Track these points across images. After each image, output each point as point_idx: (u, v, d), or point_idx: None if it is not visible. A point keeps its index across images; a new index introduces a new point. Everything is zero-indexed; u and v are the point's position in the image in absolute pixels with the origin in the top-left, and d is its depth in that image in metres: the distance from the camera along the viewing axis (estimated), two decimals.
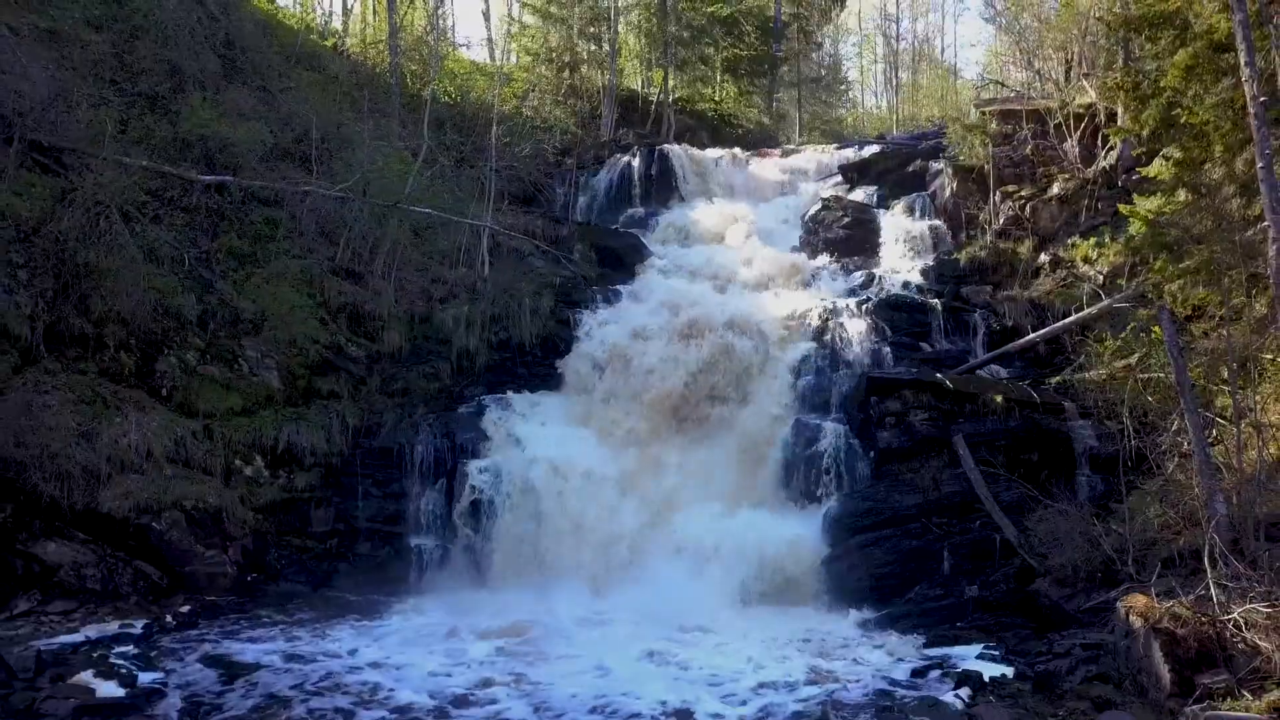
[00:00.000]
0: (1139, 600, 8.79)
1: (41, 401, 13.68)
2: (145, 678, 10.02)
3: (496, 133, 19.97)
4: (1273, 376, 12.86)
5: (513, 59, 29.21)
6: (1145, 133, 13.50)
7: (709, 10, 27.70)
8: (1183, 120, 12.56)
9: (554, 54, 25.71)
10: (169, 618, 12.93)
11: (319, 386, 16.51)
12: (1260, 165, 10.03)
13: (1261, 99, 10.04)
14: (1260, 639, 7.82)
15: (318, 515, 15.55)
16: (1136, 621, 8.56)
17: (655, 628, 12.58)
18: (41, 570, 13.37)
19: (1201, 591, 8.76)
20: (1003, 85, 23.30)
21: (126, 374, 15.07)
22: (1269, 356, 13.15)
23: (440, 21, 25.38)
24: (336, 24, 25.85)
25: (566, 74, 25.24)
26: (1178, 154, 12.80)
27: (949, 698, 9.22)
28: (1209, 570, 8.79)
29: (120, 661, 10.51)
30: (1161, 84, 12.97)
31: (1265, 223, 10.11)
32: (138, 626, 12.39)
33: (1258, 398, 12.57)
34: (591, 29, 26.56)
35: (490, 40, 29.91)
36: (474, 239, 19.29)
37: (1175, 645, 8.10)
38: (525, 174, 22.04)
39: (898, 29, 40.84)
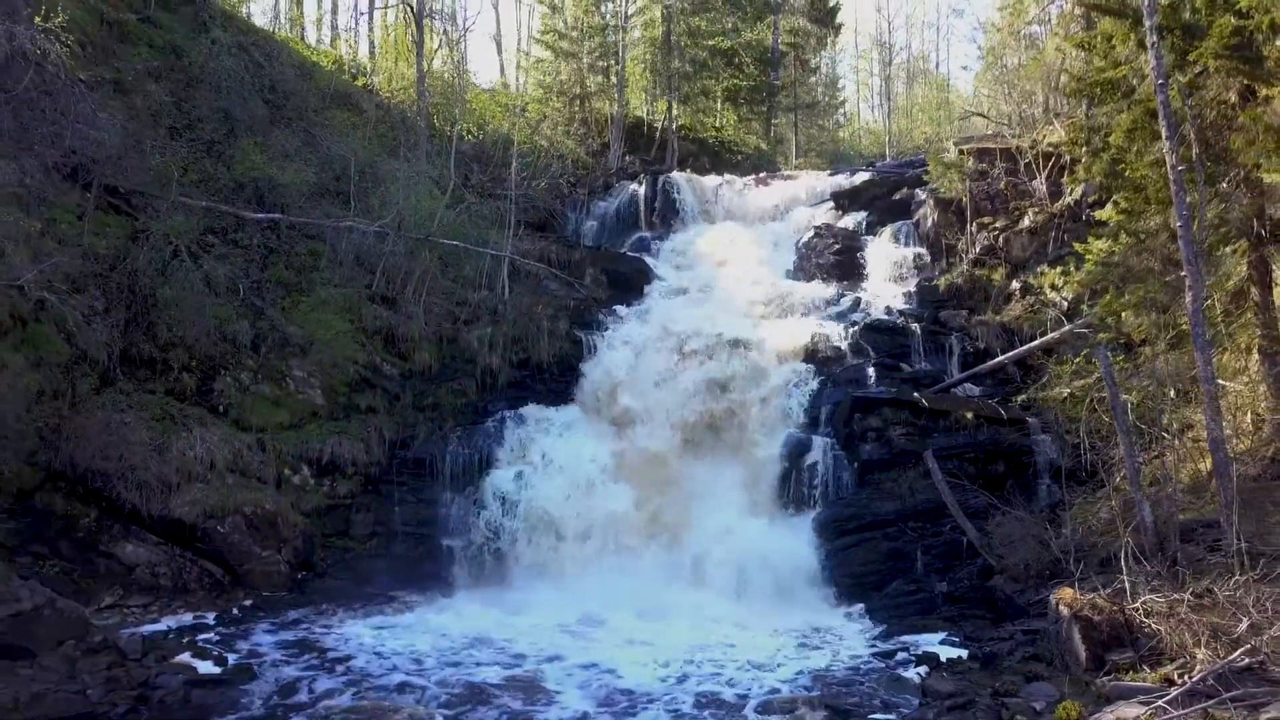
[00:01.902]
0: (1066, 593, 10.55)
1: (119, 419, 15.48)
2: (232, 658, 11.80)
3: (515, 168, 21.74)
4: (1196, 404, 14.61)
5: (524, 86, 31.03)
6: (1096, 181, 15.25)
7: (710, 43, 29.47)
8: (1125, 173, 14.31)
9: (565, 86, 27.48)
10: (234, 610, 14.67)
11: (358, 402, 18.29)
12: (1179, 224, 11.78)
13: (1180, 167, 11.79)
14: (1158, 624, 9.57)
15: (359, 519, 17.31)
16: (1064, 610, 10.31)
17: (654, 621, 14.24)
18: (121, 568, 15.15)
19: (1119, 585, 10.53)
20: (986, 118, 25.00)
21: (189, 393, 16.89)
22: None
23: (460, 61, 27.06)
24: (363, 54, 27.63)
25: (577, 106, 26.98)
26: (1122, 203, 14.55)
27: (909, 674, 11.03)
28: (1124, 568, 10.56)
29: (207, 646, 12.29)
30: (1109, 140, 14.75)
31: (1184, 272, 11.85)
32: (209, 617, 14.15)
33: (1196, 417, 14.33)
34: (600, 63, 28.33)
35: (502, 67, 31.80)
36: (495, 265, 21.05)
37: (1092, 629, 9.85)
38: (540, 202, 23.81)
39: (890, 55, 42.58)
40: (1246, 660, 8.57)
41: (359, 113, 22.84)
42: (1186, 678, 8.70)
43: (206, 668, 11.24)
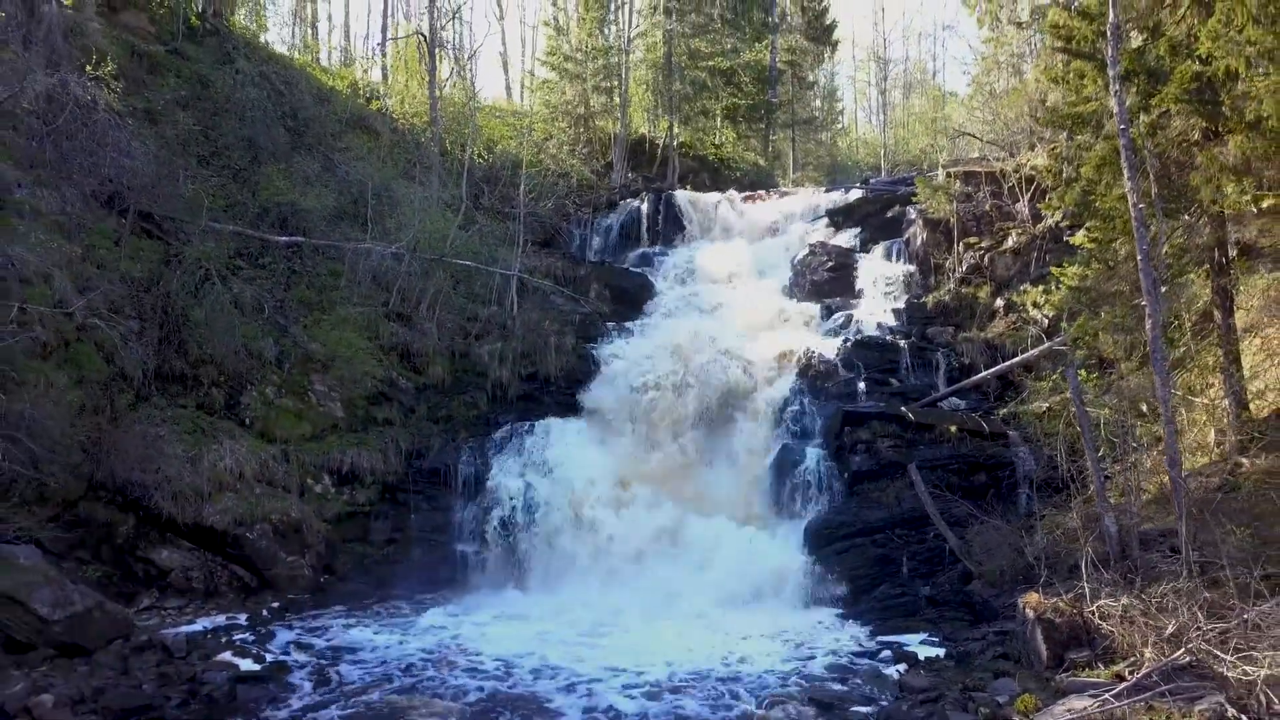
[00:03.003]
0: (1032, 597, 11.57)
1: (155, 433, 16.50)
2: (269, 656, 12.83)
3: (524, 190, 22.79)
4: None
5: (530, 104, 32.04)
6: (1069, 209, 16.27)
7: (710, 64, 30.51)
8: (1095, 204, 15.32)
9: (570, 106, 28.53)
10: (264, 611, 15.69)
11: (376, 415, 19.33)
12: (1140, 257, 12.78)
13: (1140, 205, 12.80)
14: (1113, 626, 10.59)
15: (377, 526, 18.36)
16: (1029, 613, 11.33)
17: (656, 622, 15.25)
18: (157, 572, 16.16)
19: (1079, 590, 11.55)
20: (975, 138, 25.97)
21: (217, 407, 17.93)
22: (1178, 391, 15.97)
23: (470, 87, 28.09)
24: (376, 75, 28.67)
25: (582, 126, 28.03)
26: (1093, 231, 15.57)
27: (889, 670, 12.06)
28: (1085, 574, 11.57)
29: (244, 644, 13.32)
30: (1080, 171, 15.78)
31: (1143, 301, 12.87)
32: (241, 619, 15.18)
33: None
34: (604, 84, 29.38)
35: (508, 88, 32.84)
36: (504, 282, 22.09)
37: (1053, 630, 10.88)
38: (547, 220, 24.85)
39: (886, 71, 43.60)
40: (1187, 659, 9.57)
41: (374, 136, 23.89)
42: (1134, 674, 9.71)
43: (247, 665, 12.26)
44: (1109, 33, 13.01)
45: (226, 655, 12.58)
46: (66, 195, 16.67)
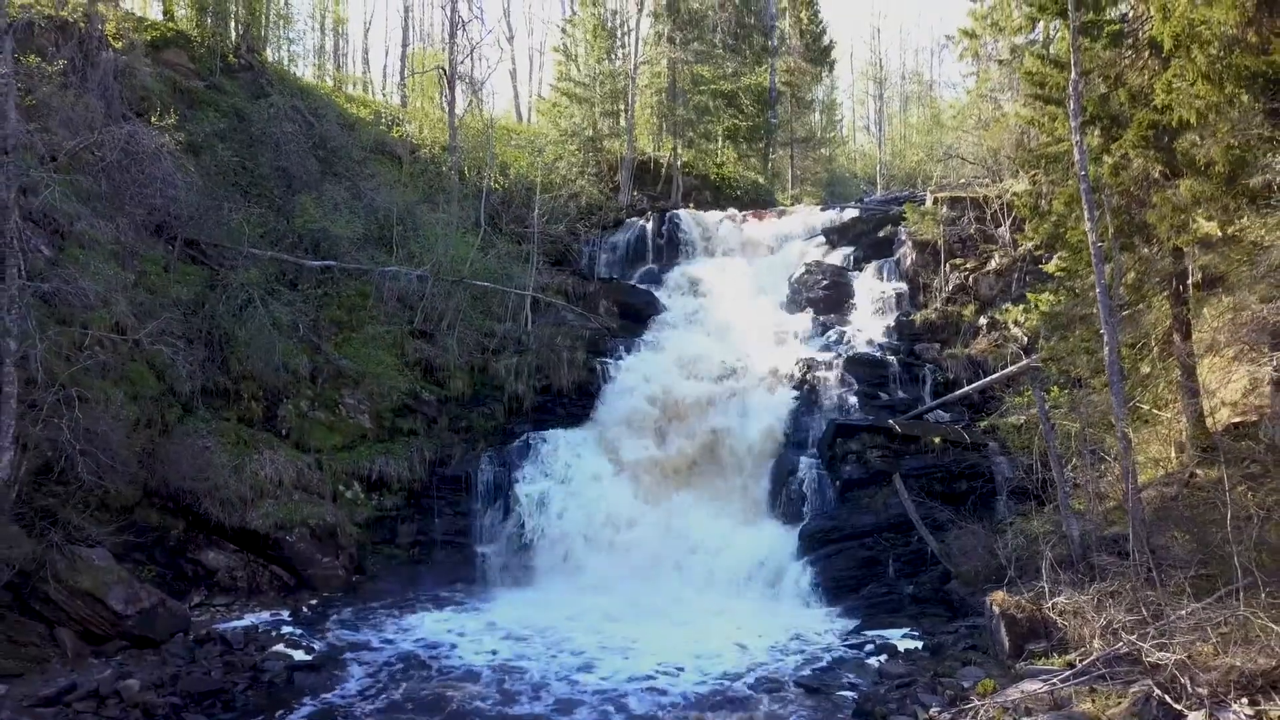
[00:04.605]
0: (998, 595, 13.02)
1: (202, 444, 17.98)
2: (318, 647, 14.30)
3: (538, 214, 24.27)
4: (1134, 428, 17.05)
5: (537, 120, 33.49)
6: (1043, 239, 17.72)
7: (712, 88, 31.96)
8: (1065, 236, 16.77)
9: (579, 129, 29.99)
10: (304, 609, 17.16)
11: (401, 426, 20.80)
12: (1098, 291, 14.22)
13: (1099, 244, 14.24)
14: (1066, 620, 12.04)
15: (403, 529, 19.84)
16: (995, 609, 12.78)
17: (662, 617, 16.67)
18: (205, 572, 17.66)
19: (1040, 588, 13.00)
20: (964, 159, 27.40)
21: (256, 420, 19.41)
22: (1145, 406, 17.46)
23: (487, 111, 29.60)
24: (395, 99, 30.13)
25: (590, 149, 29.49)
26: (1062, 262, 17.01)
27: (872, 660, 13.54)
28: (1044, 574, 13.02)
29: (293, 637, 14.79)
30: (1052, 206, 17.22)
31: (1102, 330, 14.30)
32: (284, 614, 16.66)
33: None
34: (611, 108, 30.81)
35: (518, 110, 34.22)
36: (519, 299, 23.53)
37: (1015, 625, 12.33)
38: (559, 241, 26.32)
39: (882, 89, 45.05)
40: (1125, 649, 11.02)
41: (395, 161, 25.37)
42: (1082, 662, 11.16)
43: (299, 655, 13.74)
44: (1071, 89, 14.44)
45: (280, 647, 14.06)
46: (120, 226, 18.11)
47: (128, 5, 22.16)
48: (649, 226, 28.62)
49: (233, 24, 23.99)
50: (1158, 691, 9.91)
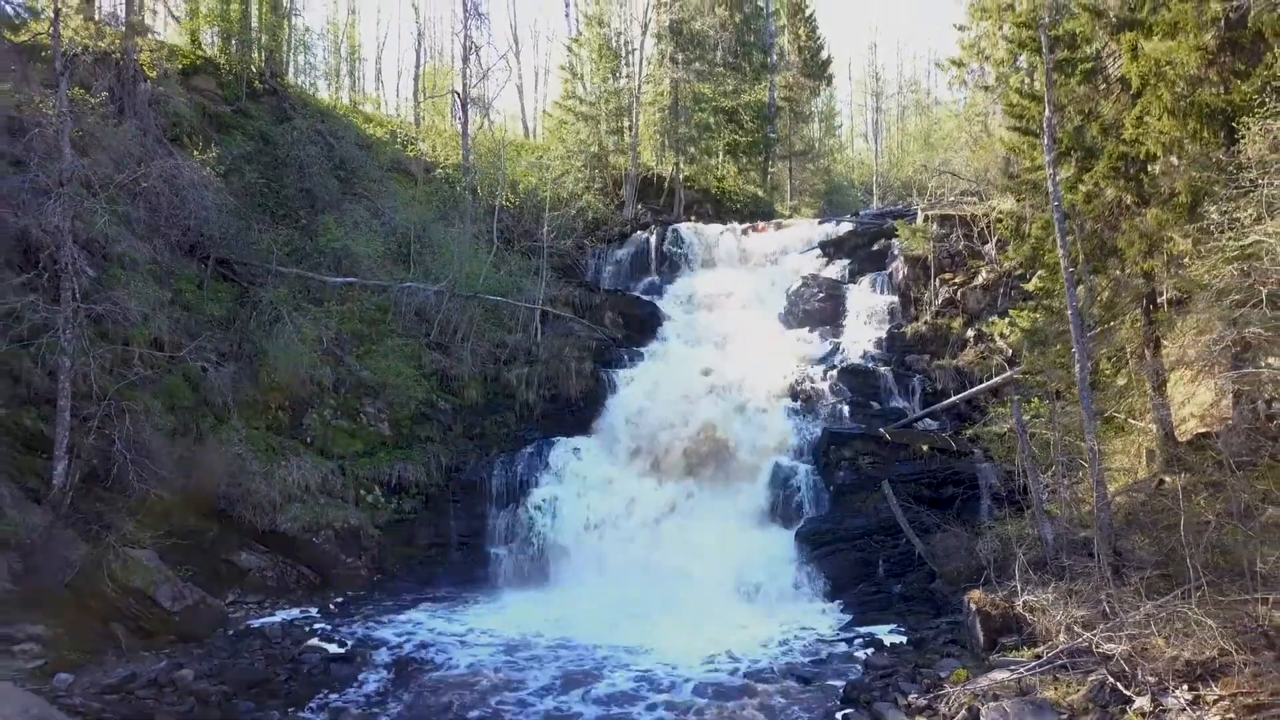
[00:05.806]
0: (975, 594, 14.20)
1: (235, 452, 19.18)
2: (349, 641, 15.47)
3: (547, 230, 25.46)
4: (1109, 437, 18.23)
5: (543, 137, 34.64)
6: (1021, 260, 18.88)
7: (713, 105, 33.14)
8: (1044, 258, 17.93)
9: (584, 145, 31.19)
10: (331, 606, 18.34)
11: (418, 433, 21.99)
12: (1070, 313, 15.38)
13: (1070, 269, 15.40)
14: (1035, 617, 13.21)
15: (421, 532, 21.02)
16: (972, 606, 13.95)
17: (666, 616, 17.79)
18: (237, 572, 18.84)
19: (1013, 587, 14.16)
20: (955, 175, 28.53)
21: (283, 428, 20.61)
22: (1120, 416, 18.63)
23: (499, 133, 30.78)
24: (409, 118, 31.33)
25: (596, 165, 30.69)
26: (1041, 282, 18.16)
27: (858, 653, 14.73)
28: (1018, 574, 14.19)
29: (325, 632, 15.97)
30: (1032, 229, 18.38)
31: (1074, 349, 15.46)
32: (313, 611, 17.84)
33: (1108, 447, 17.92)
34: (616, 124, 31.99)
35: (525, 127, 35.41)
36: (529, 312, 24.71)
37: (989, 621, 13.51)
38: (567, 255, 27.51)
39: (879, 103, 46.20)
40: (1088, 642, 12.18)
41: (412, 179, 26.57)
42: (1047, 654, 12.33)
43: (333, 648, 14.91)
44: (1045, 124, 15.61)
45: (314, 641, 15.23)
46: (157, 246, 19.32)
47: (157, 34, 23.33)
48: (652, 240, 29.79)
49: (256, 50, 25.18)
50: (1110, 679, 11.08)
